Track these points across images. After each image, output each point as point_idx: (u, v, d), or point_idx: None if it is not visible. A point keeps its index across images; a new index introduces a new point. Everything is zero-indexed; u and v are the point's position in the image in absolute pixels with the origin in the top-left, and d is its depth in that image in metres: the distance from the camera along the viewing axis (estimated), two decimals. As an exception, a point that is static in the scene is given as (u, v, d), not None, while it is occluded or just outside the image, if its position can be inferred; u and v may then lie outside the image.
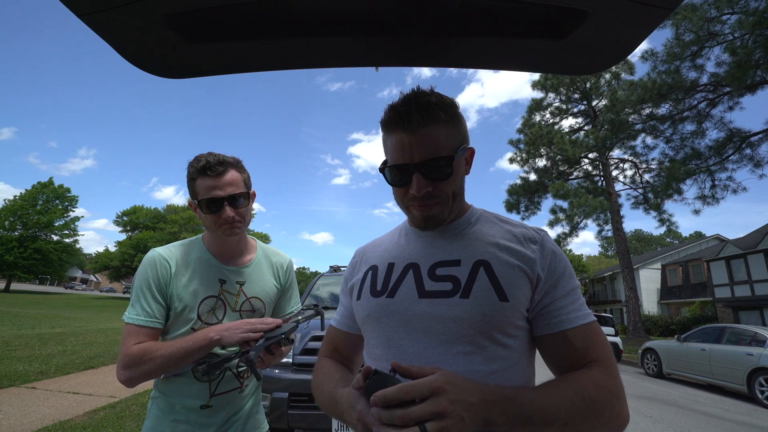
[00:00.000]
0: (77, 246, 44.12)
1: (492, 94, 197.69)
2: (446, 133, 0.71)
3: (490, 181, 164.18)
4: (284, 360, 3.04)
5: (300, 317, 1.10)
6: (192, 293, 1.12)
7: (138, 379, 1.01)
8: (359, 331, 0.84)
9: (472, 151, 0.78)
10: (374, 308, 0.76)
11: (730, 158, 14.55)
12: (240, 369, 1.17)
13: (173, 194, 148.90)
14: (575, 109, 22.99)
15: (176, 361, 1.00)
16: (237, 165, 1.16)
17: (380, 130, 0.77)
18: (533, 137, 21.01)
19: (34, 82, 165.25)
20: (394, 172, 0.74)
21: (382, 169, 0.77)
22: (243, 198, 1.14)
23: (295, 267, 1.43)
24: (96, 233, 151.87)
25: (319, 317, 1.22)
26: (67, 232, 41.97)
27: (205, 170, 1.09)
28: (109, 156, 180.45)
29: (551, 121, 23.09)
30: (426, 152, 0.69)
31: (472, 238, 0.76)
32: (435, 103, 0.70)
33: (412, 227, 0.84)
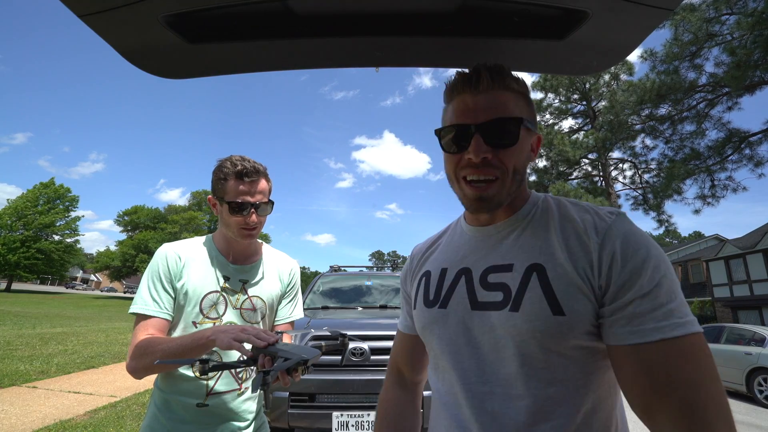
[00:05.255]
0: (78, 246, 44.13)
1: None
2: (516, 103, 0.64)
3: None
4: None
5: (323, 344, 1.02)
6: (196, 287, 1.14)
7: (141, 371, 1.03)
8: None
9: (539, 138, 0.69)
10: (428, 319, 0.71)
11: (730, 158, 14.56)
12: (238, 371, 1.16)
13: (179, 196, 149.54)
14: (575, 110, 23.00)
15: (174, 357, 1.01)
16: (266, 174, 1.22)
17: (442, 102, 0.71)
18: (533, 137, 20.96)
19: (48, 87, 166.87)
20: (451, 134, 0.65)
21: (438, 133, 0.68)
22: (268, 206, 1.21)
23: (299, 268, 1.43)
24: (101, 234, 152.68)
25: (342, 347, 1.11)
26: (68, 232, 41.99)
27: (241, 175, 1.14)
28: (119, 159, 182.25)
29: (551, 121, 23.10)
30: (491, 113, 0.62)
31: (530, 235, 0.65)
32: (507, 71, 0.65)
33: (466, 223, 0.75)
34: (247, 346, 0.93)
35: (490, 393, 0.60)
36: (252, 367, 0.93)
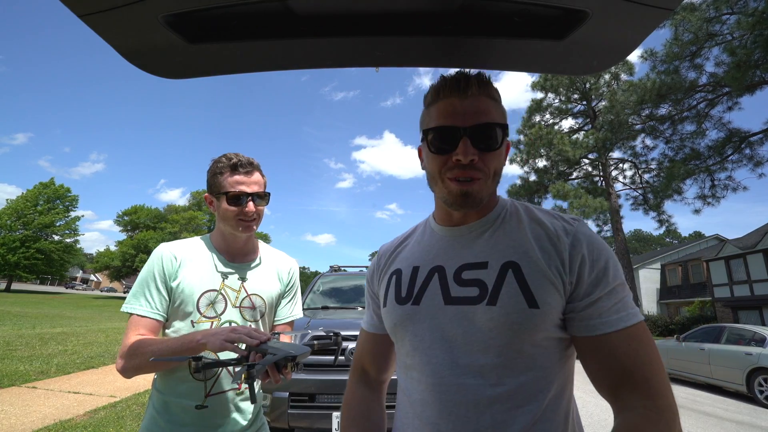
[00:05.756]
0: (78, 246, 44.14)
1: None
2: (496, 110, 0.69)
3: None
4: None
5: (315, 342, 1.03)
6: (193, 286, 1.14)
7: (131, 371, 1.04)
8: (386, 331, 0.81)
9: (509, 145, 0.74)
10: (400, 316, 0.73)
11: (730, 158, 14.56)
12: (237, 370, 1.15)
13: (179, 196, 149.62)
14: (575, 110, 22.99)
15: (164, 362, 1.02)
16: (260, 168, 1.25)
17: (423, 105, 0.74)
18: (533, 138, 21.01)
19: (49, 87, 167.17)
20: (439, 135, 0.67)
21: (425, 134, 0.71)
22: (264, 197, 1.22)
23: (298, 267, 1.43)
24: (101, 234, 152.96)
25: (336, 346, 1.11)
26: (68, 232, 42.01)
27: (236, 167, 1.17)
28: (119, 159, 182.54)
29: (551, 121, 23.10)
30: (478, 118, 0.66)
31: (502, 235, 0.69)
32: (490, 79, 0.70)
33: (437, 224, 0.78)
34: (244, 347, 0.93)
35: (462, 385, 0.62)
36: (240, 378, 0.94)
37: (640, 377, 0.57)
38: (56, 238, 41.71)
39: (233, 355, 1.01)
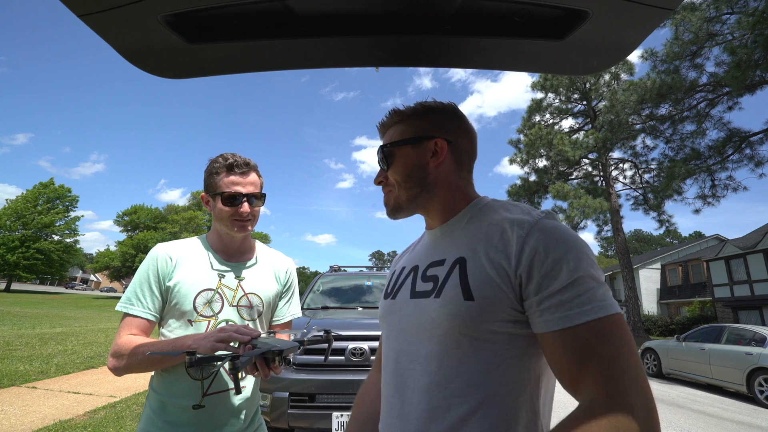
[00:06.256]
0: (78, 246, 44.14)
1: (491, 104, 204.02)
2: (398, 129, 0.81)
3: (489, 185, 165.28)
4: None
5: (305, 339, 1.05)
6: (189, 285, 1.14)
7: (122, 370, 1.05)
8: None
9: (436, 141, 0.78)
10: (382, 309, 0.83)
11: (730, 158, 14.55)
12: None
13: (179, 196, 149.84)
14: (575, 110, 22.99)
15: (156, 361, 1.03)
16: (257, 169, 1.26)
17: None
18: (533, 138, 21.01)
19: (49, 88, 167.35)
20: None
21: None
22: (260, 198, 1.23)
23: (295, 267, 1.44)
24: (101, 234, 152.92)
25: (326, 343, 1.12)
26: (68, 232, 42.02)
27: (232, 167, 1.18)
28: (120, 159, 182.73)
29: (551, 121, 23.09)
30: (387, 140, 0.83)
31: (463, 234, 0.74)
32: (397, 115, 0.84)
33: (426, 229, 0.87)
34: (237, 345, 0.96)
35: (412, 370, 0.69)
36: (225, 368, 0.96)
37: (599, 374, 0.53)
38: (56, 238, 41.73)
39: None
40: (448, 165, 0.79)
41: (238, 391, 0.87)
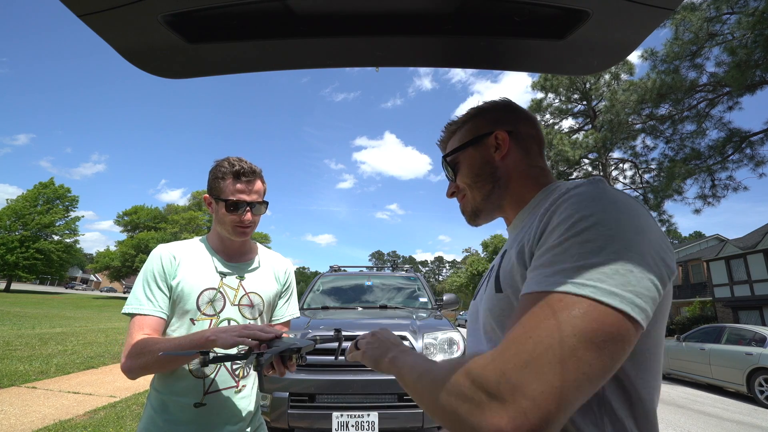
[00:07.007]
0: (78, 246, 44.17)
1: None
2: (456, 138, 0.82)
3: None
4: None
5: (318, 337, 1.05)
6: (192, 285, 1.15)
7: (137, 370, 1.03)
8: None
9: (497, 134, 0.75)
10: (470, 306, 0.84)
11: (731, 158, 14.55)
12: (235, 367, 1.17)
13: (180, 196, 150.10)
14: (575, 110, 22.99)
15: (171, 361, 1.02)
16: (262, 176, 1.26)
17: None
18: (533, 137, 20.96)
19: (50, 88, 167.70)
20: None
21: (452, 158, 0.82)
22: (263, 206, 1.24)
23: (293, 268, 1.46)
24: (101, 234, 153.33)
25: (337, 342, 1.12)
26: (68, 232, 42.04)
27: (239, 175, 1.18)
28: (120, 160, 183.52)
29: (551, 121, 23.09)
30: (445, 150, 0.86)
31: (523, 224, 0.70)
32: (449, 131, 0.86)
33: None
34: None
35: (477, 354, 0.67)
36: (250, 366, 0.96)
37: (500, 347, 0.45)
38: (56, 238, 41.74)
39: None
40: (514, 155, 0.75)
41: (262, 388, 0.87)
